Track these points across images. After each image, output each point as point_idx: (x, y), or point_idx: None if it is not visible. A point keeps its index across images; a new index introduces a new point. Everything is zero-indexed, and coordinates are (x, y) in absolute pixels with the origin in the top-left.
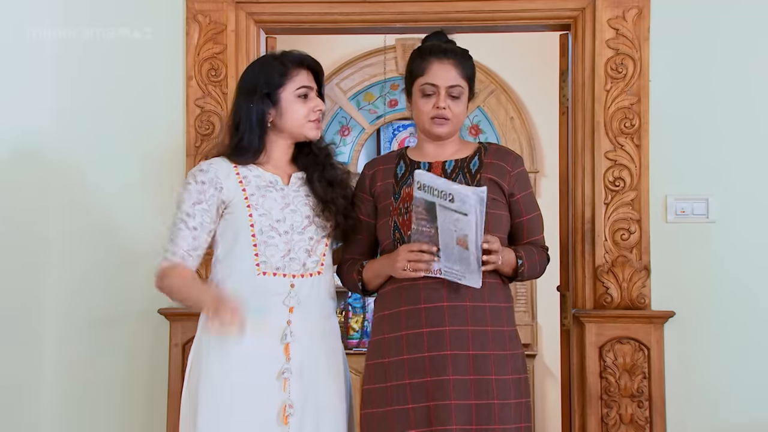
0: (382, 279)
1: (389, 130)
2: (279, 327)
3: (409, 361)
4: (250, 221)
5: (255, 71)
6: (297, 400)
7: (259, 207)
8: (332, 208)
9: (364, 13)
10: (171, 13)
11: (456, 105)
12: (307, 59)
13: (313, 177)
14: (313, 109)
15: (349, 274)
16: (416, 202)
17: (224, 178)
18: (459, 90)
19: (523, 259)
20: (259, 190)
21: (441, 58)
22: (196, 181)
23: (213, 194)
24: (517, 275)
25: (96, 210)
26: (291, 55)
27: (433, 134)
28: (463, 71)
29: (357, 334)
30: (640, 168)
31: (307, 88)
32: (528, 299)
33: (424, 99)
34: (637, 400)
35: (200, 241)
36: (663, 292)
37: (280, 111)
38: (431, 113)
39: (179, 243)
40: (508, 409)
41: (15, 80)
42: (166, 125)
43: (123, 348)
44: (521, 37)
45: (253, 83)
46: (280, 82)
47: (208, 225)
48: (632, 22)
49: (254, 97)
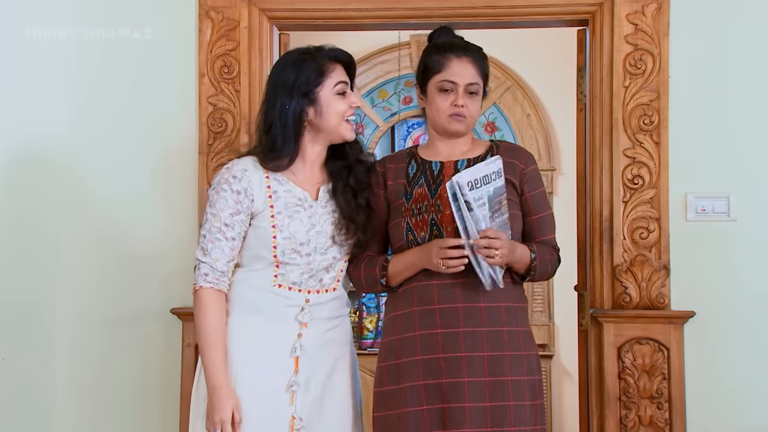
0: (414, 271)
1: (404, 127)
2: (290, 339)
3: (423, 362)
4: (273, 243)
5: (288, 69)
6: (304, 414)
7: (284, 229)
8: (352, 227)
9: (378, 8)
10: (183, 10)
11: (473, 103)
12: (342, 53)
13: (338, 187)
14: (350, 105)
15: (369, 269)
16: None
17: (256, 189)
18: (476, 87)
19: (536, 254)
20: (287, 209)
21: (460, 56)
22: (233, 190)
23: (248, 206)
24: (529, 272)
25: (108, 211)
26: (324, 50)
27: (450, 131)
28: (480, 69)
29: (371, 335)
30: (659, 165)
31: (344, 83)
32: (545, 299)
33: (442, 96)
34: (656, 402)
35: (236, 252)
36: (683, 292)
37: (319, 109)
38: (450, 110)
39: (217, 255)
40: (524, 411)
41: (27, 83)
42: (178, 123)
43: (136, 348)
44: (538, 33)
45: (289, 81)
46: (317, 80)
47: (243, 234)
48: (651, 17)
49: (292, 96)
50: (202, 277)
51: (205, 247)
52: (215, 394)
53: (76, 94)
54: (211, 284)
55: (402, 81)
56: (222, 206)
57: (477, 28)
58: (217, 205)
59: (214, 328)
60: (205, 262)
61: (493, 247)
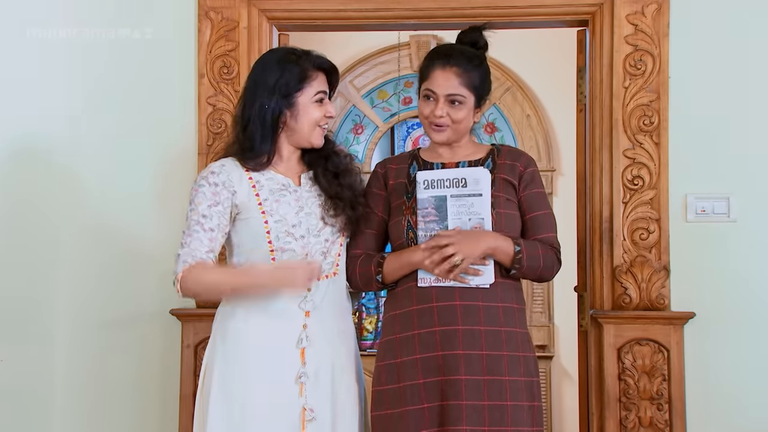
0: (408, 270)
1: (403, 128)
2: (295, 331)
3: (422, 360)
4: (266, 228)
5: (271, 69)
6: (314, 405)
7: (274, 213)
8: (339, 204)
9: (378, 9)
10: (183, 11)
11: (456, 111)
12: (326, 62)
13: (318, 172)
14: (325, 114)
15: (365, 267)
16: (423, 204)
17: (237, 182)
18: (460, 98)
19: (521, 246)
20: (272, 195)
21: (444, 65)
22: (209, 183)
23: (227, 197)
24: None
25: (107, 211)
26: (310, 57)
27: (433, 140)
28: (466, 79)
29: (371, 335)
30: (659, 166)
31: (323, 93)
32: (545, 300)
33: (424, 103)
34: (656, 403)
35: (216, 243)
36: (683, 293)
37: (295, 113)
38: (429, 119)
39: (195, 246)
40: (521, 411)
41: (27, 82)
42: (177, 124)
43: (135, 349)
44: (538, 34)
45: (270, 82)
46: (299, 86)
47: (224, 227)
48: (651, 17)
49: (271, 97)
50: (180, 264)
51: (184, 241)
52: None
53: (76, 94)
54: (189, 264)
55: (402, 81)
56: (200, 200)
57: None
58: (195, 201)
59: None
60: (183, 252)
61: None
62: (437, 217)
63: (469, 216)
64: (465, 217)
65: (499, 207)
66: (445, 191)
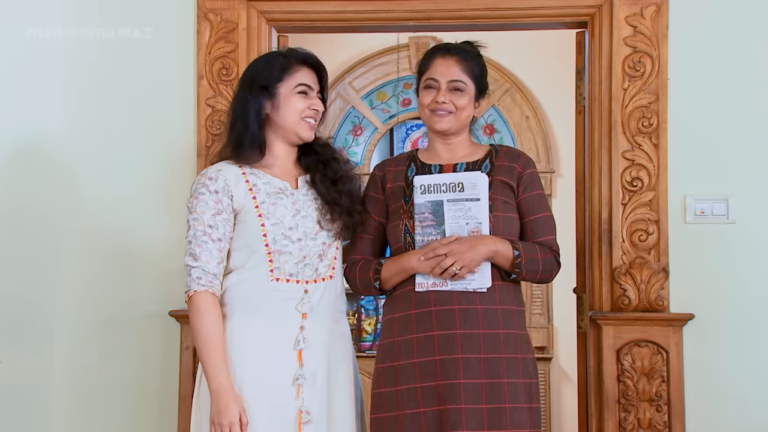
0: (405, 275)
1: (402, 129)
2: (292, 333)
3: (420, 364)
4: (262, 231)
5: (257, 65)
6: (311, 407)
7: (271, 216)
8: (337, 210)
9: (377, 11)
10: (182, 12)
11: (458, 98)
12: (311, 58)
13: (316, 177)
14: (309, 107)
15: (364, 273)
16: (420, 209)
17: (234, 185)
18: (461, 85)
19: (520, 250)
20: (269, 197)
21: (444, 55)
22: (210, 191)
23: (228, 203)
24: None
25: (106, 212)
26: (295, 52)
27: (434, 129)
28: (466, 68)
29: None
30: (658, 168)
31: (307, 86)
32: (544, 301)
33: (425, 93)
34: (655, 405)
35: (224, 253)
36: (682, 295)
37: (276, 104)
38: (431, 106)
39: (207, 258)
40: (520, 414)
41: (25, 82)
42: (177, 125)
43: (133, 350)
44: (537, 35)
45: (253, 76)
46: (279, 76)
47: (229, 235)
48: (650, 19)
49: (252, 90)
50: (195, 281)
51: (193, 251)
52: (220, 398)
53: (76, 95)
54: (205, 287)
55: (401, 83)
56: (203, 209)
57: (476, 30)
58: (197, 209)
59: (212, 332)
60: (196, 266)
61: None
62: (434, 222)
63: (467, 220)
64: (462, 222)
65: (497, 210)
66: (442, 196)
